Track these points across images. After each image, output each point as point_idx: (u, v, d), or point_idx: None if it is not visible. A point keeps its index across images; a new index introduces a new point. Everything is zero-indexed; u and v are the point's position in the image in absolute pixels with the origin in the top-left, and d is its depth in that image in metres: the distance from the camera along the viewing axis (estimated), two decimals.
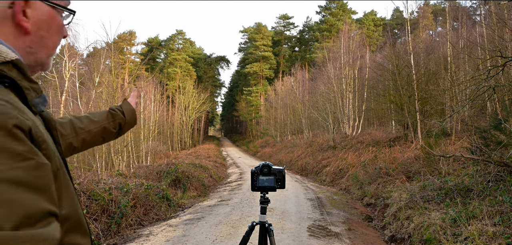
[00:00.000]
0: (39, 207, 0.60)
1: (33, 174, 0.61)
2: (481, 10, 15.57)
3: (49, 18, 0.81)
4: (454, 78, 13.94)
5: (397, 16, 48.40)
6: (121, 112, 1.47)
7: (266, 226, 2.23)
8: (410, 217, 6.31)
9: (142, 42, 59.54)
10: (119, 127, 1.45)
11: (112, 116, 1.42)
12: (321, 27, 51.02)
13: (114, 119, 1.43)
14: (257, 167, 2.23)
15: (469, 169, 7.42)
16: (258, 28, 56.60)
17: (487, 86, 7.60)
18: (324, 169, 15.79)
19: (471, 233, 4.74)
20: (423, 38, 17.60)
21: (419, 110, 13.26)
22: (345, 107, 22.30)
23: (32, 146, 0.63)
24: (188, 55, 56.81)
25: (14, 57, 0.72)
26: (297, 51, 57.35)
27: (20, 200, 0.57)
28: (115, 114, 1.44)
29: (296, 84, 35.03)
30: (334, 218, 7.49)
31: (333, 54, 25.72)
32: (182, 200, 9.75)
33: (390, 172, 10.15)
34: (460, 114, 12.15)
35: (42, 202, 0.60)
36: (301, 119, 30.01)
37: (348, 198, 10.32)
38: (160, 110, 32.04)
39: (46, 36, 0.81)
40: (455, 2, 19.84)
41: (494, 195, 5.69)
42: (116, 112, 1.44)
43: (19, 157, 0.59)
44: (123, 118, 1.46)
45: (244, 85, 55.85)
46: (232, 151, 37.17)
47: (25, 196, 0.58)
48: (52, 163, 0.68)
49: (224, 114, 77.67)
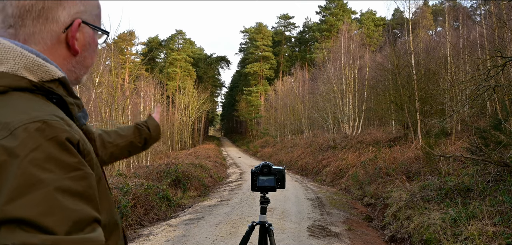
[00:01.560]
0: (87, 214, 0.66)
1: (82, 184, 0.68)
2: (481, 10, 15.58)
3: (91, 40, 0.89)
4: (454, 78, 13.93)
5: (397, 16, 48.38)
6: (147, 127, 1.53)
7: (266, 226, 2.23)
8: (410, 217, 6.31)
9: (142, 42, 59.55)
10: (145, 142, 1.51)
11: (138, 131, 1.49)
12: (321, 27, 51.02)
13: (140, 134, 1.49)
14: (257, 167, 2.23)
15: (469, 169, 7.42)
16: (259, 28, 56.61)
17: (487, 86, 7.60)
18: (324, 169, 15.79)
19: (471, 233, 4.75)
20: (423, 38, 17.59)
21: (419, 110, 13.26)
22: (345, 107, 22.30)
23: (81, 158, 0.70)
24: (188, 55, 56.81)
25: (61, 75, 0.81)
26: (297, 51, 57.34)
27: (71, 207, 0.64)
28: (141, 129, 1.50)
29: (296, 84, 35.03)
30: (334, 218, 7.49)
31: (333, 54, 25.72)
32: (182, 200, 9.75)
33: (390, 172, 10.15)
34: (460, 114, 12.15)
35: (89, 210, 0.67)
36: (301, 119, 30.02)
37: (348, 198, 10.32)
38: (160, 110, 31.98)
39: (87, 56, 0.90)
40: (455, 2, 19.86)
41: (494, 195, 5.69)
42: (142, 128, 1.51)
43: (70, 168, 0.66)
44: (149, 133, 1.53)
45: (244, 85, 55.84)
46: (232, 151, 37.17)
47: (75, 204, 0.65)
48: (95, 173, 0.75)
49: (224, 114, 77.67)
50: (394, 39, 22.99)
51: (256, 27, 57.62)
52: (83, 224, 0.65)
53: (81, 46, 0.87)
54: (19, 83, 0.75)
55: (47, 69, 0.78)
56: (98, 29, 0.91)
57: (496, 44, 11.01)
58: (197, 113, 42.72)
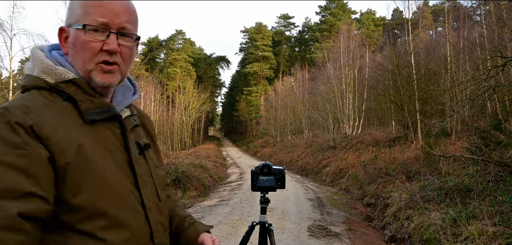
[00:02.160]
0: (21, 186, 0.78)
1: (22, 161, 0.80)
2: (481, 10, 15.58)
3: (74, 39, 0.97)
4: (454, 78, 13.93)
5: (397, 16, 48.37)
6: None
7: (266, 226, 2.23)
8: (410, 217, 6.31)
9: (142, 42, 59.51)
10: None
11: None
12: (321, 27, 50.99)
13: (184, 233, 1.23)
14: (257, 167, 2.23)
15: (469, 169, 7.41)
16: (259, 28, 56.57)
17: (487, 86, 7.60)
18: (324, 169, 15.79)
19: (471, 233, 4.75)
20: (423, 38, 17.59)
21: (419, 110, 13.25)
22: (345, 107, 22.29)
23: (28, 139, 0.82)
24: (188, 55, 56.77)
25: (71, 77, 0.95)
26: (297, 51, 57.31)
27: (5, 178, 0.77)
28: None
29: (296, 84, 35.03)
30: (334, 218, 7.49)
31: (332, 54, 25.71)
32: (182, 200, 9.75)
33: (390, 172, 10.15)
34: (460, 114, 12.14)
35: (25, 183, 0.79)
36: (301, 119, 30.01)
37: (348, 198, 10.32)
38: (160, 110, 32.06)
39: (74, 54, 0.97)
40: (455, 2, 19.86)
41: (494, 195, 5.69)
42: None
43: (13, 146, 0.80)
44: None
45: (244, 85, 55.80)
46: (232, 151, 37.16)
47: (10, 175, 0.78)
48: (57, 155, 0.85)
49: (224, 114, 77.65)
50: (394, 39, 23.00)
51: (256, 27, 57.57)
52: (16, 193, 0.77)
53: (69, 47, 0.98)
54: (37, 83, 0.94)
55: (58, 72, 0.94)
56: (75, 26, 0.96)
57: (496, 44, 11.01)
58: (197, 113, 42.70)
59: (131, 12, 1.01)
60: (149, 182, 1.04)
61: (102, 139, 0.95)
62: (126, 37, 0.99)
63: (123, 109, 1.05)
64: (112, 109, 0.99)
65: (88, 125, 0.93)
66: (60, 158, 0.85)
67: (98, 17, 0.94)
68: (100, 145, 0.93)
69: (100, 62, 0.96)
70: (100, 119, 0.95)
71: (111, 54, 0.96)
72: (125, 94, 1.09)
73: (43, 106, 0.89)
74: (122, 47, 0.98)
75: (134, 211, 0.95)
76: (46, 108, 0.89)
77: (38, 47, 1.01)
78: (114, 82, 0.98)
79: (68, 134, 0.88)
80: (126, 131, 1.01)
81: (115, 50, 0.96)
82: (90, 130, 0.93)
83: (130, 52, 1.01)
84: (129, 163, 0.99)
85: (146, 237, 0.97)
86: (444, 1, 18.91)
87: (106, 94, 1.02)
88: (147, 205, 0.99)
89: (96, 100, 0.96)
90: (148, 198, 1.01)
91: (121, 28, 0.97)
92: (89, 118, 0.93)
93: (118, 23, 0.97)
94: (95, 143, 0.92)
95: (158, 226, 1.02)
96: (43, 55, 0.97)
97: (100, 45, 0.95)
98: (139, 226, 0.96)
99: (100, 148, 0.93)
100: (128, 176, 0.97)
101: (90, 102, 0.95)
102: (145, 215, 0.98)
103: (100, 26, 0.95)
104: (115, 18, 0.96)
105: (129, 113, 1.07)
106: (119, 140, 0.99)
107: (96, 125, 0.95)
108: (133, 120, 1.07)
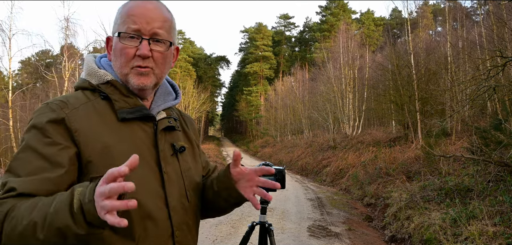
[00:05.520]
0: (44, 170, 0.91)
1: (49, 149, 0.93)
2: (481, 10, 15.57)
3: (114, 46, 1.07)
4: (454, 78, 13.91)
5: (396, 16, 48.35)
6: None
7: (266, 226, 2.22)
8: (410, 217, 6.31)
9: None
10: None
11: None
12: (321, 27, 50.97)
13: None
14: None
15: (469, 169, 7.41)
16: (259, 28, 56.55)
17: (487, 86, 7.59)
18: (324, 169, 15.78)
19: (471, 233, 4.74)
20: (423, 37, 17.57)
21: (419, 110, 13.24)
22: (345, 107, 22.28)
23: (59, 131, 0.95)
24: (188, 55, 56.72)
25: (109, 78, 1.06)
26: (297, 51, 57.29)
27: (33, 162, 0.91)
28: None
29: (296, 84, 35.01)
30: (334, 218, 7.49)
31: (332, 54, 25.69)
32: None
33: (390, 172, 10.14)
34: (460, 114, 12.13)
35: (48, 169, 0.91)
36: (301, 119, 29.99)
37: (348, 198, 10.31)
38: None
39: (114, 60, 1.07)
40: (454, 3, 19.84)
41: (494, 195, 5.69)
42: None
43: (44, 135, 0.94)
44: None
45: (244, 85, 55.78)
46: (232, 151, 37.11)
47: (37, 161, 0.91)
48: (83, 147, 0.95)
49: (224, 114, 77.61)
50: (394, 39, 22.98)
51: (256, 27, 57.55)
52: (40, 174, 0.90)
53: (112, 54, 1.09)
54: (83, 84, 1.08)
55: (99, 74, 1.06)
56: (113, 34, 1.07)
57: (496, 44, 11.01)
58: (197, 113, 42.64)
59: (164, 19, 1.07)
60: (178, 182, 1.09)
61: (132, 136, 1.02)
62: (158, 42, 1.05)
63: (160, 112, 1.13)
64: (143, 109, 1.06)
65: (121, 122, 1.02)
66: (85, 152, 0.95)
67: (131, 24, 1.02)
68: (129, 143, 1.01)
69: (134, 66, 1.03)
70: (132, 118, 1.03)
71: (143, 59, 1.03)
72: (166, 99, 1.17)
73: (81, 103, 1.01)
74: (154, 52, 1.05)
75: (156, 208, 1.00)
76: (83, 105, 1.01)
77: (92, 54, 1.15)
78: (148, 84, 1.05)
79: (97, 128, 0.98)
80: (158, 130, 1.08)
81: (146, 55, 1.03)
82: (122, 127, 1.02)
83: (162, 57, 1.07)
84: (157, 162, 1.05)
85: (166, 235, 1.02)
86: (445, 0, 18.91)
87: (144, 97, 1.10)
88: (171, 204, 1.04)
89: (130, 100, 1.05)
90: (174, 198, 1.06)
91: (153, 34, 1.04)
92: (121, 116, 1.02)
93: (150, 30, 1.03)
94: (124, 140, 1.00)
95: (182, 226, 1.07)
96: (92, 61, 1.11)
97: (134, 50, 1.03)
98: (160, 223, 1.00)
99: (128, 146, 1.00)
100: (155, 174, 1.03)
101: (124, 102, 1.04)
102: (168, 214, 1.03)
103: (133, 33, 1.02)
104: (146, 25, 1.03)
105: (165, 116, 1.13)
106: (150, 139, 1.06)
107: (128, 123, 1.03)
108: (168, 121, 1.12)
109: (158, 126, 1.08)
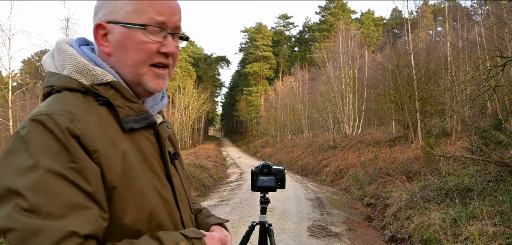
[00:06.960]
0: (82, 202, 0.72)
1: (77, 175, 0.73)
2: (481, 10, 15.58)
3: (124, 37, 0.85)
4: (454, 78, 13.92)
5: (396, 16, 48.35)
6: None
7: (266, 226, 2.22)
8: (410, 217, 6.31)
9: None
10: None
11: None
12: (321, 27, 50.99)
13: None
14: (257, 167, 2.22)
15: (469, 169, 7.41)
16: (259, 28, 56.60)
17: (487, 86, 7.60)
18: (324, 169, 15.78)
19: (471, 233, 4.74)
20: (423, 37, 17.57)
21: (419, 110, 13.24)
22: (345, 107, 22.28)
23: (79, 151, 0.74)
24: (188, 55, 56.74)
25: (110, 79, 0.84)
26: (297, 51, 57.34)
27: (64, 193, 0.71)
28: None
29: (296, 84, 35.01)
30: (334, 218, 7.49)
31: (332, 54, 25.70)
32: None
33: (390, 172, 10.14)
34: (460, 114, 12.14)
35: (84, 199, 0.72)
36: (301, 119, 30.00)
37: (348, 198, 10.31)
38: None
39: (122, 55, 0.86)
40: (454, 3, 19.85)
41: (494, 195, 5.69)
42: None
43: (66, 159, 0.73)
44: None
45: (244, 85, 55.83)
46: (232, 151, 37.16)
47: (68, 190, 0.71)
48: (105, 171, 0.77)
49: (224, 114, 77.64)
50: (394, 39, 22.98)
51: (256, 27, 57.60)
52: (79, 210, 0.71)
53: (113, 46, 0.86)
54: (70, 84, 0.82)
55: (95, 73, 0.83)
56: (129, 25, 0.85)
57: (496, 44, 11.01)
58: (197, 113, 42.68)
59: (180, 10, 0.91)
60: (183, 195, 0.97)
61: (141, 149, 0.86)
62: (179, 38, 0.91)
63: (156, 115, 0.98)
64: (150, 116, 0.90)
65: (127, 133, 0.84)
66: (108, 176, 0.77)
67: (155, 15, 0.85)
68: (140, 157, 0.85)
69: (154, 64, 0.87)
70: (139, 127, 0.87)
71: (167, 56, 0.88)
72: (155, 99, 0.99)
73: (86, 113, 0.79)
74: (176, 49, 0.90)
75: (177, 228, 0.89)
76: (89, 115, 0.79)
77: (65, 40, 0.88)
78: (164, 88, 0.91)
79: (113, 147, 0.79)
80: (162, 138, 0.93)
81: (174, 52, 0.89)
82: (129, 139, 0.84)
83: (178, 54, 0.92)
84: (166, 175, 0.91)
85: None
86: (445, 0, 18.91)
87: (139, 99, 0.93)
88: (185, 222, 0.93)
89: (135, 106, 0.87)
90: (186, 214, 0.95)
91: (176, 27, 0.89)
92: (129, 127, 0.84)
93: (173, 22, 0.88)
94: (136, 156, 0.84)
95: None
96: (74, 51, 0.85)
97: (157, 47, 0.86)
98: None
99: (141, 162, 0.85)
100: (169, 192, 0.90)
101: (129, 108, 0.85)
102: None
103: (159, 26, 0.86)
104: (171, 17, 0.87)
105: (162, 120, 0.99)
106: (156, 149, 0.91)
107: (135, 133, 0.86)
108: (167, 127, 0.97)
109: (159, 133, 0.93)
